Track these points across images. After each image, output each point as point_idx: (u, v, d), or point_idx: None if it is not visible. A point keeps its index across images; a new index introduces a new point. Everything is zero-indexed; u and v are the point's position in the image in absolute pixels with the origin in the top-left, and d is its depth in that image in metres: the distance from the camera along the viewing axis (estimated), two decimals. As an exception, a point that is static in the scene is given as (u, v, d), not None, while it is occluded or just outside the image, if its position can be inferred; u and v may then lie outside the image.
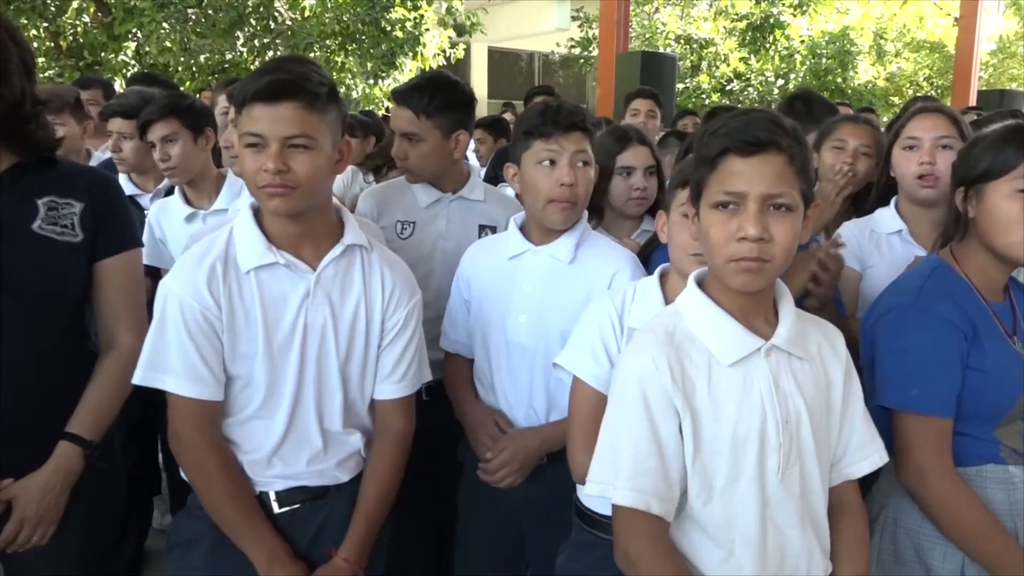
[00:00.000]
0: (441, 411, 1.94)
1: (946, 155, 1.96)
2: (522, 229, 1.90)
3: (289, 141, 1.40)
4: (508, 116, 6.13)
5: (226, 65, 9.28)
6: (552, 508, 1.79)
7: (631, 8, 11.90)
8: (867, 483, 1.50)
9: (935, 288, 1.54)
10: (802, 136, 1.23)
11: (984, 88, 10.53)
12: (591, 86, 14.34)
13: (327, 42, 9.61)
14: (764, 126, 1.19)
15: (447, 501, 2.06)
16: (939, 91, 13.15)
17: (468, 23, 11.82)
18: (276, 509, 1.54)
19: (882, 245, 2.09)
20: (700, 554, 1.27)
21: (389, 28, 9.63)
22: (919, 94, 12.72)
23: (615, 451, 1.25)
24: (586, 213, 1.93)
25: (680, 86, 12.12)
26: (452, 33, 10.95)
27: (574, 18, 13.94)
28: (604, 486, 1.25)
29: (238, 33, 9.41)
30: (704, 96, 12.03)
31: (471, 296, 1.93)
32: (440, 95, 2.10)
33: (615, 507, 1.24)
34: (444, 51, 10.54)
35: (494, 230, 2.19)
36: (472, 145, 4.78)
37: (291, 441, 1.53)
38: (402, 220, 2.19)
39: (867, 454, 1.34)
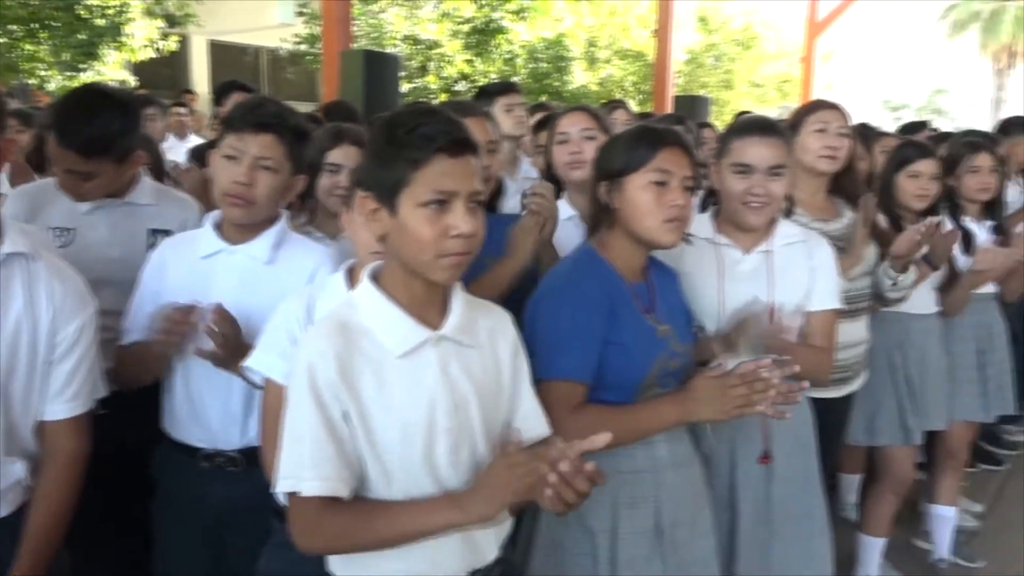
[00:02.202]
0: (125, 426, 1.82)
1: (590, 145, 2.26)
2: (219, 228, 1.85)
3: None
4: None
5: None
6: (252, 512, 1.75)
7: (358, 6, 11.85)
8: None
9: (582, 271, 1.72)
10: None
11: (679, 94, 11.72)
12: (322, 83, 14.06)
13: (11, 27, 8.54)
14: (463, 128, 1.28)
15: (143, 522, 1.94)
16: (643, 96, 14.47)
17: (180, 14, 11.10)
18: None
19: (560, 230, 2.25)
20: None
21: (87, 15, 8.76)
22: (624, 98, 13.93)
23: (298, 443, 1.26)
24: (286, 214, 1.91)
25: (409, 86, 12.28)
26: (163, 23, 10.22)
27: (300, 14, 13.60)
28: (292, 480, 1.26)
29: None
30: (432, 96, 12.28)
31: (161, 295, 1.84)
32: None
33: (300, 499, 1.25)
34: (154, 42, 9.82)
35: (169, 234, 2.09)
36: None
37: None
38: (59, 227, 2.03)
39: (532, 426, 1.46)
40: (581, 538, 1.72)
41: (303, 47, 13.33)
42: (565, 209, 2.38)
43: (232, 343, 1.69)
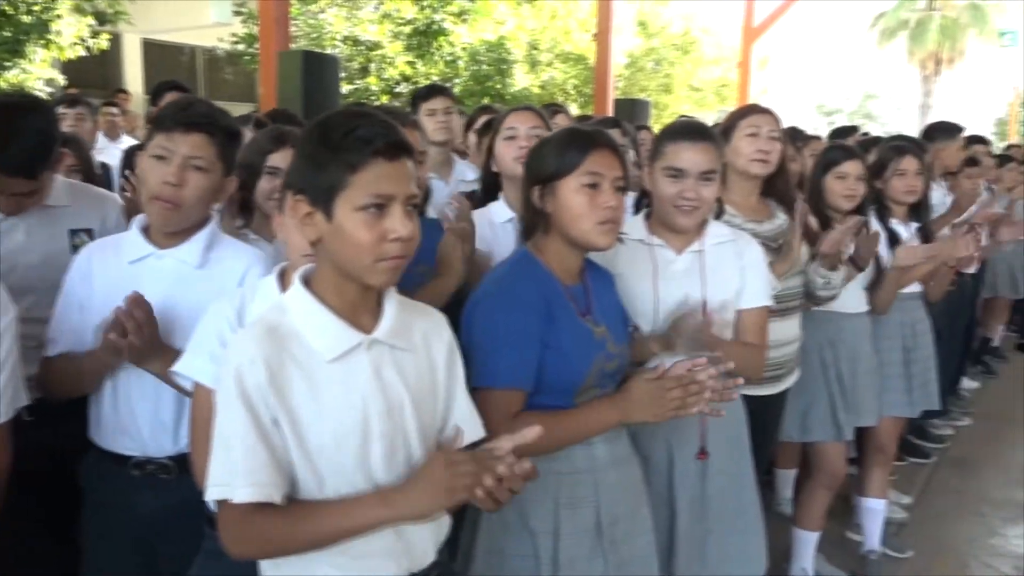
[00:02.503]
0: (51, 434, 1.77)
1: (509, 145, 2.36)
2: (146, 231, 1.80)
3: None
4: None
5: None
6: (184, 520, 1.71)
7: (297, 7, 11.69)
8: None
9: (518, 275, 1.73)
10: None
11: (620, 97, 11.84)
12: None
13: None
14: (399, 131, 1.27)
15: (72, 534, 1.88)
16: (584, 99, 14.59)
17: (111, 12, 10.79)
18: None
19: (498, 233, 2.35)
20: None
21: (11, 11, 8.46)
22: (566, 101, 14.02)
23: (228, 449, 1.24)
24: (216, 217, 1.88)
25: (350, 87, 12.16)
26: (93, 21, 9.92)
27: (237, 13, 13.34)
28: (223, 488, 1.24)
29: None
30: (373, 98, 12.17)
31: (88, 301, 1.79)
32: None
33: (230, 505, 1.23)
34: (83, 40, 9.52)
35: (90, 233, 2.03)
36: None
37: None
38: None
39: (465, 427, 1.45)
40: (523, 540, 1.72)
41: (241, 47, 13.07)
42: (504, 211, 2.39)
43: (148, 333, 1.63)
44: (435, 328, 1.45)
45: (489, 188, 2.50)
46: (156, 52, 15.77)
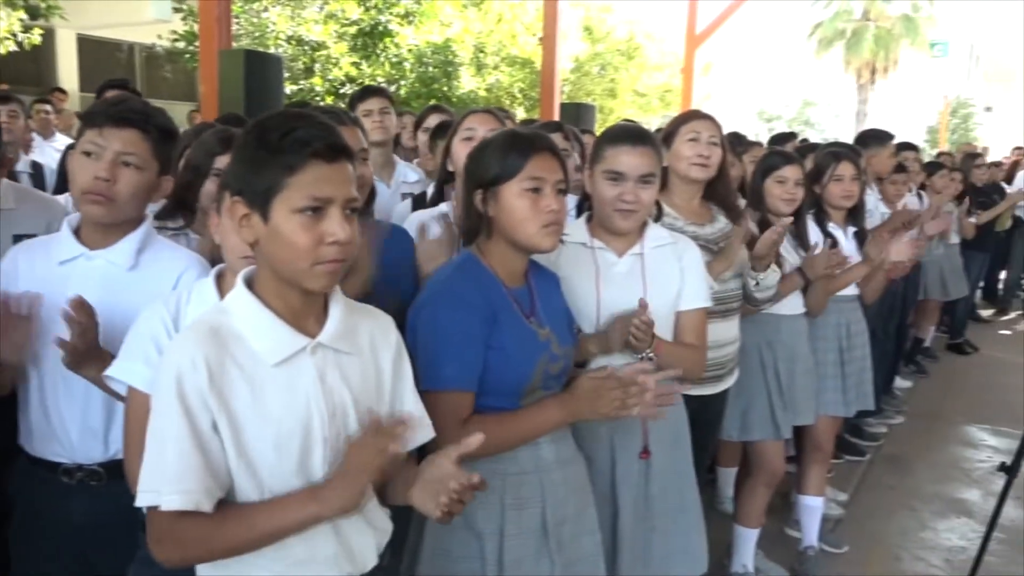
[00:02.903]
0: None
1: (467, 146, 2.28)
2: (77, 232, 1.76)
3: None
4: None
5: None
6: (117, 528, 1.68)
7: (239, 5, 11.49)
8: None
9: (462, 278, 1.73)
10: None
11: (566, 101, 11.90)
12: (201, 83, 13.54)
13: None
14: (338, 133, 1.26)
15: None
16: (530, 103, 14.64)
17: (43, 6, 10.45)
18: None
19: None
20: None
21: (-63, 4, 8.15)
22: (512, 105, 14.06)
23: (160, 454, 1.22)
24: (150, 218, 1.84)
25: (294, 87, 11.98)
26: (25, 15, 9.61)
27: (177, 10, 13.05)
28: (153, 494, 1.21)
29: None
30: (318, 98, 12.02)
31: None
32: None
33: (158, 512, 1.21)
34: (14, 35, 9.22)
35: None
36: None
37: None
38: None
39: (414, 429, 1.44)
40: (469, 541, 1.72)
41: (181, 45, 12.79)
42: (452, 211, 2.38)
43: (90, 337, 1.59)
44: (382, 331, 1.44)
45: (442, 187, 2.51)
46: (92, 48, 15.33)
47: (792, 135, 6.23)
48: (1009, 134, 24.09)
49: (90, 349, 1.60)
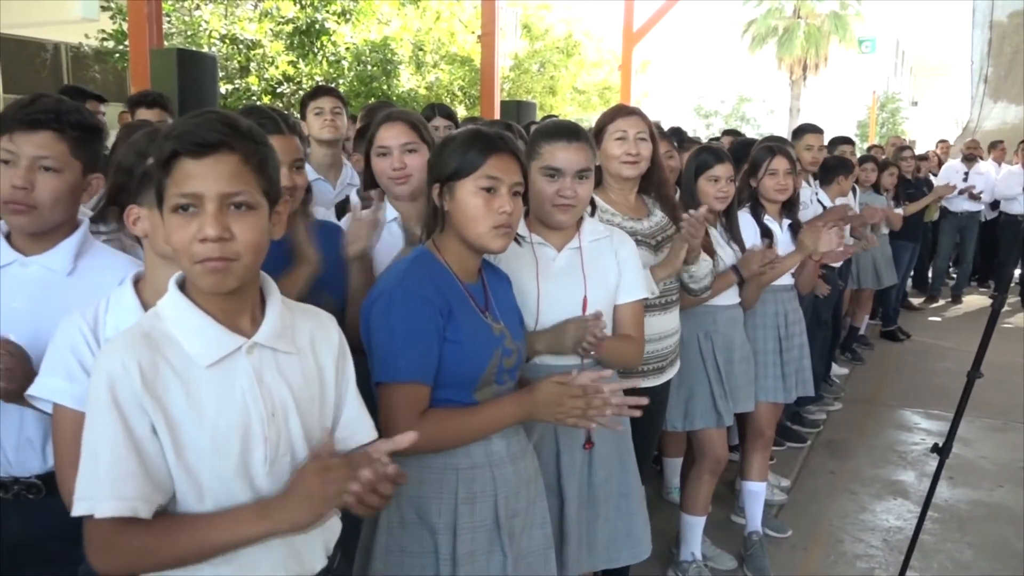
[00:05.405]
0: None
1: (413, 158, 2.30)
2: (9, 237, 1.70)
3: None
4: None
5: None
6: (56, 542, 1.61)
7: (169, 3, 11.22)
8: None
9: (417, 272, 1.73)
10: (260, 135, 1.27)
11: (506, 99, 11.92)
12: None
13: None
14: (215, 127, 1.21)
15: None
16: (471, 100, 14.62)
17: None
18: None
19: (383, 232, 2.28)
20: None
21: None
22: (453, 102, 14.03)
23: (94, 461, 1.19)
24: (86, 222, 1.78)
25: (229, 87, 11.75)
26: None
27: (105, 8, 12.67)
28: (88, 502, 1.18)
29: None
30: (255, 98, 11.82)
31: None
32: None
33: (95, 521, 1.18)
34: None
35: None
36: None
37: None
38: None
39: (355, 431, 1.44)
40: (422, 536, 1.72)
41: (110, 44, 12.42)
42: (390, 210, 2.37)
43: (19, 377, 1.51)
44: (323, 330, 1.42)
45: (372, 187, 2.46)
46: (14, 48, 14.80)
47: (736, 133, 6.38)
48: (934, 128, 24.92)
49: (22, 384, 1.51)
